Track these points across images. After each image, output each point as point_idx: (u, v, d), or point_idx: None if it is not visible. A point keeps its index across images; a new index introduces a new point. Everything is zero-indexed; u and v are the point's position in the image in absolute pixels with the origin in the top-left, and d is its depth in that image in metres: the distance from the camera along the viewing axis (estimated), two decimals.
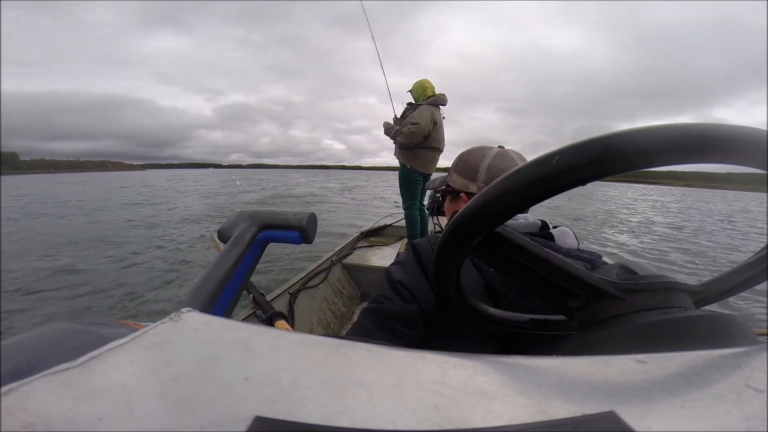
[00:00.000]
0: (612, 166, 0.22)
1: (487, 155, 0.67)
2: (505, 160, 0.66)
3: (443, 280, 0.35)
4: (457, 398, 0.16)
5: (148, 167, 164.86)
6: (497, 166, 0.65)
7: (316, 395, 0.16)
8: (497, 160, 0.66)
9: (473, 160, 0.68)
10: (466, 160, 0.69)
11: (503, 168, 0.64)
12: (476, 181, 0.67)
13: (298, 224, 0.72)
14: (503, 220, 0.27)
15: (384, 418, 0.15)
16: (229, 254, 0.68)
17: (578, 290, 0.31)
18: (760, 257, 0.33)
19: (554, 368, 0.19)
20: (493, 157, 0.66)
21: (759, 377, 0.17)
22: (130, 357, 0.18)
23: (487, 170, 0.66)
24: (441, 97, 2.73)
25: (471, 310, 0.39)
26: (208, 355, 0.19)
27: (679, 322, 0.27)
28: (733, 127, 0.23)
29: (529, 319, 0.40)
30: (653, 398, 0.16)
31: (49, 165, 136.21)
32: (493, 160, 0.66)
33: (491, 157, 0.66)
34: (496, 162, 0.66)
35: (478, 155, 0.68)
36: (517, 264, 0.31)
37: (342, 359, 0.19)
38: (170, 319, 0.22)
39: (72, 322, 0.25)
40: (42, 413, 0.13)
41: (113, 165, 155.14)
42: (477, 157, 0.68)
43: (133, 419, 0.13)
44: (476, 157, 0.68)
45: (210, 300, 0.63)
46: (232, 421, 0.14)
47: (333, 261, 2.34)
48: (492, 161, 0.66)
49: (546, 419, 0.15)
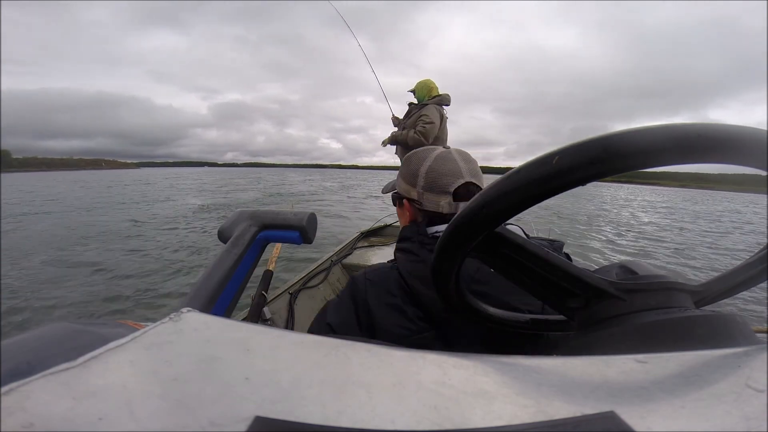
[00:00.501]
0: (612, 166, 0.22)
1: (427, 158, 0.62)
2: (446, 162, 0.61)
3: (443, 280, 0.35)
4: (457, 398, 0.16)
5: (142, 166, 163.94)
6: (436, 170, 0.60)
7: (316, 395, 0.16)
8: (437, 163, 0.61)
9: (414, 163, 0.63)
10: (408, 164, 0.65)
11: (443, 172, 0.60)
12: (416, 186, 0.62)
13: (298, 224, 0.72)
14: (503, 220, 0.27)
15: (384, 418, 0.15)
16: (229, 254, 0.68)
17: (578, 290, 0.31)
18: (760, 257, 0.33)
19: (554, 368, 0.19)
20: (433, 160, 0.61)
21: (759, 377, 0.17)
22: (130, 357, 0.18)
23: (425, 174, 0.61)
24: (445, 97, 2.73)
25: (471, 310, 0.39)
26: (208, 355, 0.19)
27: (679, 322, 0.27)
28: (733, 127, 0.23)
29: (530, 319, 0.40)
30: (653, 398, 0.16)
31: (42, 163, 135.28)
32: (433, 163, 0.61)
33: (431, 161, 0.61)
34: (436, 165, 0.61)
35: (420, 158, 0.63)
36: (517, 264, 0.31)
37: (342, 359, 0.19)
38: (170, 319, 0.22)
39: (72, 322, 0.25)
40: (42, 413, 0.13)
41: (107, 163, 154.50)
42: (418, 161, 0.63)
43: (133, 419, 0.13)
44: (417, 161, 0.63)
45: (210, 300, 0.63)
46: (232, 421, 0.14)
47: (333, 261, 2.34)
48: (432, 165, 0.61)
49: (546, 419, 0.15)
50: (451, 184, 0.59)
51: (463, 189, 0.59)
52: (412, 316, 0.52)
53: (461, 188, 0.59)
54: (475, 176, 0.60)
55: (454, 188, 0.59)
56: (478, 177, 0.61)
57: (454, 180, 0.59)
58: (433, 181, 0.60)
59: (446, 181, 0.59)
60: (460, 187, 0.59)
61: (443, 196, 0.59)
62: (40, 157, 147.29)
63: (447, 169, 0.60)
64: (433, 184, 0.60)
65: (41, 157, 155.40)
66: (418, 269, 0.53)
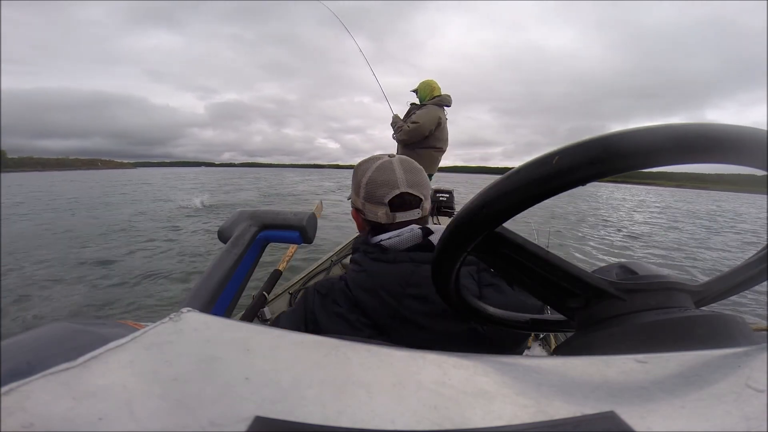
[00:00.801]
0: (612, 166, 0.22)
1: (369, 169, 0.63)
2: (384, 173, 0.62)
3: (443, 280, 0.35)
4: (457, 398, 0.16)
5: (139, 166, 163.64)
6: (374, 181, 0.61)
7: (316, 395, 0.16)
8: (376, 173, 0.62)
9: (358, 175, 0.65)
10: (354, 175, 0.67)
11: (379, 182, 0.61)
12: (359, 197, 0.64)
13: (298, 224, 0.72)
14: (503, 220, 0.27)
15: (384, 418, 0.15)
16: (229, 254, 0.68)
17: (578, 290, 0.31)
18: (760, 257, 0.33)
19: (554, 368, 0.19)
20: (373, 171, 0.62)
21: (759, 377, 0.17)
22: (130, 357, 0.18)
23: (365, 185, 0.62)
24: (446, 98, 2.73)
25: (471, 310, 0.39)
26: (208, 355, 0.19)
27: (679, 322, 0.27)
28: (733, 127, 0.23)
29: (530, 318, 0.40)
30: (653, 398, 0.16)
31: (37, 163, 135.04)
32: (373, 174, 0.62)
33: (372, 171, 0.63)
34: (375, 176, 0.62)
35: (362, 169, 0.65)
36: (517, 264, 0.31)
37: (342, 359, 0.19)
38: (170, 319, 0.22)
39: (72, 322, 0.25)
40: (42, 413, 0.13)
41: (103, 163, 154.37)
42: (361, 172, 0.65)
43: (133, 419, 0.13)
44: (361, 172, 0.65)
45: (210, 300, 0.63)
46: (232, 421, 0.14)
47: (333, 261, 2.34)
48: (371, 175, 0.62)
49: (546, 419, 0.15)
50: (387, 195, 0.60)
51: (398, 199, 0.60)
52: (357, 323, 0.54)
53: (396, 198, 0.60)
54: (413, 186, 0.61)
55: (389, 199, 0.60)
56: (416, 187, 0.61)
57: (389, 191, 0.60)
58: (372, 192, 0.61)
59: (382, 192, 0.61)
60: (395, 198, 0.60)
61: (380, 206, 0.61)
62: (36, 157, 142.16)
63: (383, 180, 0.61)
64: (372, 194, 0.61)
65: (36, 157, 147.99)
66: (361, 279, 0.55)
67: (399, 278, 0.53)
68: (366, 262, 0.57)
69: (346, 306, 0.56)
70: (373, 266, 0.56)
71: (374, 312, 0.53)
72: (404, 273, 0.54)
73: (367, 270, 0.56)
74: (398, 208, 0.61)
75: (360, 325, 0.54)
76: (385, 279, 0.54)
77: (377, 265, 0.56)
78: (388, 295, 0.53)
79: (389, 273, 0.54)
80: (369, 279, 0.55)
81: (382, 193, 0.61)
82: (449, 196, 3.50)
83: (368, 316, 0.54)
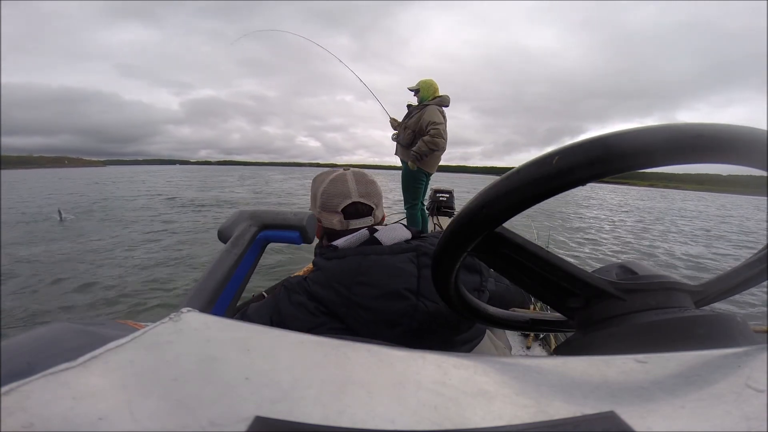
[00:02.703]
0: (612, 167, 0.22)
1: (324, 181, 0.72)
2: (338, 185, 0.70)
3: (443, 280, 0.35)
4: (457, 398, 0.16)
5: (109, 164, 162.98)
6: (329, 192, 0.70)
7: (316, 395, 0.16)
8: (330, 185, 0.70)
9: (315, 186, 0.74)
10: (312, 187, 0.75)
11: (333, 193, 0.70)
12: (316, 206, 0.72)
13: (298, 224, 0.72)
14: (503, 220, 0.27)
15: (384, 418, 0.15)
16: (229, 254, 0.68)
17: (578, 290, 0.31)
18: (760, 257, 0.33)
19: (554, 368, 0.19)
20: (327, 183, 0.71)
21: (759, 377, 0.17)
22: (130, 357, 0.18)
23: (321, 195, 0.71)
24: (446, 99, 2.72)
25: (471, 309, 0.39)
26: (208, 355, 0.19)
27: (679, 322, 0.27)
28: (734, 127, 0.23)
29: (530, 318, 0.40)
30: (653, 398, 0.16)
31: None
32: (327, 185, 0.70)
33: (326, 183, 0.71)
34: (329, 188, 0.70)
35: (319, 181, 0.73)
36: (517, 264, 0.31)
37: (342, 359, 0.19)
38: (170, 319, 0.22)
39: (72, 322, 0.25)
40: (42, 413, 0.13)
41: (70, 161, 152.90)
42: (318, 184, 0.73)
43: (133, 419, 0.13)
44: (317, 184, 0.73)
45: (210, 300, 0.63)
46: (232, 421, 0.14)
47: None
48: (326, 187, 0.70)
49: (546, 419, 0.15)
50: (340, 204, 0.69)
51: (351, 208, 0.69)
52: (315, 311, 0.60)
53: (350, 207, 0.69)
54: (364, 196, 0.70)
55: (342, 207, 0.69)
56: (368, 197, 0.71)
57: (342, 200, 0.69)
58: (327, 201, 0.70)
59: (336, 201, 0.70)
60: (349, 206, 0.69)
61: (335, 214, 0.70)
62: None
63: (337, 191, 0.70)
64: (327, 204, 0.71)
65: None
66: (317, 276, 0.63)
67: (348, 270, 0.60)
68: (321, 262, 0.64)
69: (305, 297, 0.62)
70: (327, 264, 0.63)
71: (330, 303, 0.59)
72: (352, 265, 0.60)
73: (322, 268, 0.63)
74: (352, 216, 0.70)
75: (318, 312, 0.60)
76: (337, 273, 0.60)
77: (330, 262, 0.62)
78: (340, 286, 0.59)
79: (340, 267, 0.61)
80: (323, 275, 0.62)
81: (336, 202, 0.69)
82: (449, 196, 3.49)
83: (325, 306, 0.60)
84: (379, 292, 0.57)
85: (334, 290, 0.59)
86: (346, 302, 0.58)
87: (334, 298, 0.59)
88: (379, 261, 0.60)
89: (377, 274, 0.58)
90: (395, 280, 0.58)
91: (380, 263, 0.59)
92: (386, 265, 0.59)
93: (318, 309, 0.60)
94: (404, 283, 0.57)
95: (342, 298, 0.58)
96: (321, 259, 0.64)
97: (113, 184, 23.27)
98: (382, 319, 0.57)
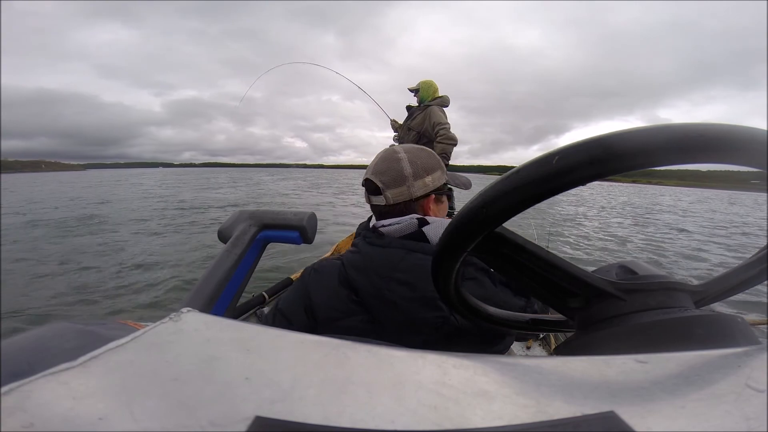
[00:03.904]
0: (612, 166, 0.22)
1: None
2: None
3: (443, 280, 0.35)
4: (457, 398, 0.16)
5: (89, 167, 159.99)
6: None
7: (316, 395, 0.16)
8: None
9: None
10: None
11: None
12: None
13: (298, 224, 0.72)
14: (503, 220, 0.27)
15: (384, 418, 0.15)
16: (230, 254, 0.68)
17: (578, 290, 0.31)
18: (760, 257, 0.33)
19: (554, 368, 0.19)
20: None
21: (759, 377, 0.17)
22: (130, 357, 0.18)
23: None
24: (446, 99, 2.71)
25: (471, 310, 0.39)
26: (208, 355, 0.19)
27: (679, 322, 0.27)
28: (734, 127, 0.23)
29: (530, 318, 0.40)
30: (653, 398, 0.16)
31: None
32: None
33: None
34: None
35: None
36: (517, 264, 0.31)
37: (342, 359, 0.19)
38: (170, 319, 0.22)
39: (72, 322, 0.25)
40: (42, 413, 0.13)
41: (47, 165, 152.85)
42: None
43: (133, 419, 0.13)
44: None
45: (210, 300, 0.63)
46: (232, 421, 0.14)
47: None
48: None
49: (546, 419, 0.15)
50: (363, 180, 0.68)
51: (365, 184, 0.66)
52: (344, 298, 0.58)
53: (365, 183, 0.67)
54: (375, 174, 0.64)
55: (362, 183, 0.67)
56: (378, 174, 0.64)
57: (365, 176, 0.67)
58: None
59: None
60: (364, 182, 0.67)
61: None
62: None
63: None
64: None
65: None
66: (355, 259, 0.60)
67: (389, 262, 0.58)
68: (362, 244, 0.62)
69: (338, 282, 0.60)
70: (368, 249, 0.60)
71: (363, 290, 0.57)
72: (394, 258, 0.57)
73: (362, 252, 0.60)
74: (370, 192, 0.66)
75: (348, 301, 0.58)
76: (377, 261, 0.58)
77: (371, 248, 0.60)
78: (376, 276, 0.57)
79: (381, 256, 0.58)
80: (362, 260, 0.60)
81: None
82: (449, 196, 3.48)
83: (357, 293, 0.58)
84: (415, 296, 0.54)
85: (370, 279, 0.57)
86: (378, 294, 0.56)
87: (367, 287, 0.57)
88: (423, 261, 0.55)
89: (418, 274, 0.55)
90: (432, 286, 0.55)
91: (424, 264, 0.54)
92: (429, 269, 0.55)
93: (350, 297, 0.58)
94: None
95: (375, 289, 0.56)
96: (363, 242, 0.62)
97: (100, 187, 22.68)
98: (409, 323, 0.54)
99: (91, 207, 10.54)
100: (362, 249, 0.61)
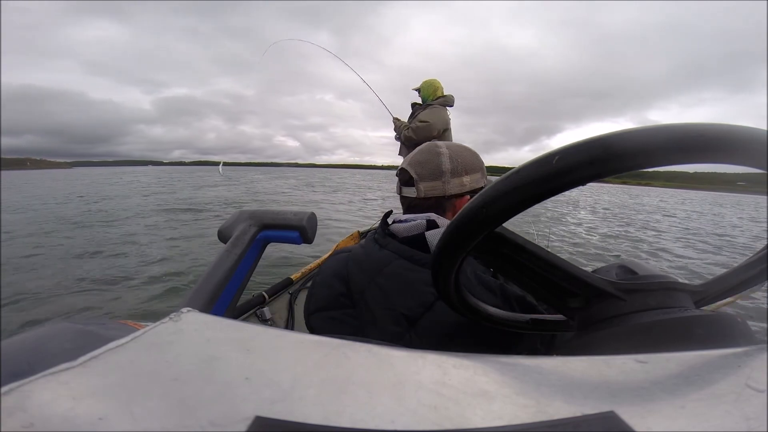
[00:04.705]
0: (612, 167, 0.22)
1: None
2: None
3: (443, 280, 0.35)
4: (457, 398, 0.16)
5: (77, 165, 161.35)
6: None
7: (316, 395, 0.16)
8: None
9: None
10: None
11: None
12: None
13: (298, 224, 0.72)
14: (503, 220, 0.27)
15: (384, 418, 0.15)
16: (229, 254, 0.68)
17: (578, 290, 0.31)
18: (760, 257, 0.33)
19: (554, 368, 0.19)
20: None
21: (759, 377, 0.17)
22: (130, 357, 0.18)
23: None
24: (450, 98, 2.70)
25: (471, 309, 0.39)
26: (208, 355, 0.19)
27: (679, 322, 0.27)
28: (734, 127, 0.23)
29: (530, 318, 0.40)
30: (653, 398, 0.16)
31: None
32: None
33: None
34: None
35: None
36: (517, 264, 0.31)
37: (342, 359, 0.19)
38: (170, 319, 0.22)
39: (72, 322, 0.25)
40: (42, 413, 0.13)
41: (32, 163, 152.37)
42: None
43: (133, 419, 0.13)
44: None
45: (210, 300, 0.63)
46: (232, 421, 0.14)
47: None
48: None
49: (546, 419, 0.15)
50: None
51: (399, 174, 0.66)
52: (336, 292, 0.60)
53: (399, 173, 0.66)
54: (412, 164, 0.63)
55: (396, 173, 0.67)
56: (413, 165, 0.62)
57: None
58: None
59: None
60: (398, 172, 0.66)
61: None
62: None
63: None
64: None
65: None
66: (357, 253, 0.62)
67: (378, 264, 0.58)
68: (367, 240, 0.62)
69: (335, 272, 0.62)
70: (369, 246, 0.61)
71: (354, 285, 0.58)
72: (383, 261, 0.57)
73: (364, 247, 0.61)
74: (402, 183, 0.65)
75: (336, 293, 0.60)
76: (370, 260, 0.58)
77: (372, 245, 0.60)
78: (365, 275, 0.58)
79: (374, 256, 0.58)
80: (361, 253, 0.61)
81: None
82: None
83: (348, 287, 0.59)
84: (387, 303, 0.54)
85: (360, 276, 0.58)
86: (361, 291, 0.57)
87: (357, 283, 0.58)
88: (405, 270, 0.54)
89: (395, 284, 0.54)
90: (403, 299, 0.52)
91: (403, 274, 0.54)
92: (407, 280, 0.53)
93: (339, 290, 0.59)
94: (408, 308, 0.52)
95: (361, 287, 0.57)
96: (369, 238, 0.62)
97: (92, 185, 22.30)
98: (380, 329, 0.54)
99: (93, 204, 10.51)
100: (365, 245, 0.61)
